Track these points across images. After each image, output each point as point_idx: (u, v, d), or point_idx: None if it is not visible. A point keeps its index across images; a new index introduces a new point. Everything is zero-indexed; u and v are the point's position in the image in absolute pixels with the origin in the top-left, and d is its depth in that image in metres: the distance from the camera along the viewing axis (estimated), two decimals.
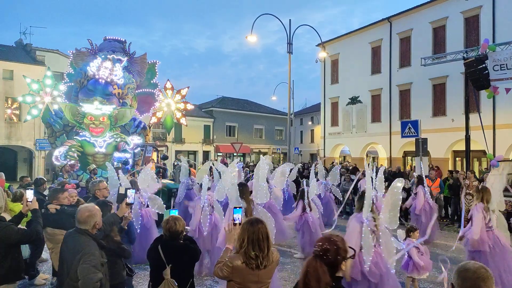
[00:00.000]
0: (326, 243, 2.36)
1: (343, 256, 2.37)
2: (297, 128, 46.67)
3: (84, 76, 14.65)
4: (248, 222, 3.15)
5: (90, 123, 14.34)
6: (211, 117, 42.68)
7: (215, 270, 3.18)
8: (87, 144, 14.39)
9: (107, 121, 14.53)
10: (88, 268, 3.24)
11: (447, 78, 23.05)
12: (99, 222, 3.58)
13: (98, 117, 14.37)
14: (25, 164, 29.25)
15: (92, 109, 14.22)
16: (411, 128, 16.17)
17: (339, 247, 2.37)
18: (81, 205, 3.87)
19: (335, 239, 2.40)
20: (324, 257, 2.32)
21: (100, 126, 14.41)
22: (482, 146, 16.52)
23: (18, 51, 29.64)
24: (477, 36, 21.58)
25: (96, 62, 14.57)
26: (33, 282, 6.49)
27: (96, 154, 14.46)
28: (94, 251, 3.36)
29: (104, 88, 14.57)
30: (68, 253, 3.38)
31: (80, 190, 11.27)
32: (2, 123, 26.75)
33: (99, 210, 3.68)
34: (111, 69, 14.57)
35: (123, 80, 14.99)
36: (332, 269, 2.32)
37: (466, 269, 2.01)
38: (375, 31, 28.43)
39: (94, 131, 14.37)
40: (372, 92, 28.57)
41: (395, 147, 26.50)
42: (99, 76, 14.44)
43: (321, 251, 2.34)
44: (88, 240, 3.41)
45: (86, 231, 3.47)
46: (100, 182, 6.25)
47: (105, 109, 14.40)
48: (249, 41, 21.13)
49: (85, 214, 3.49)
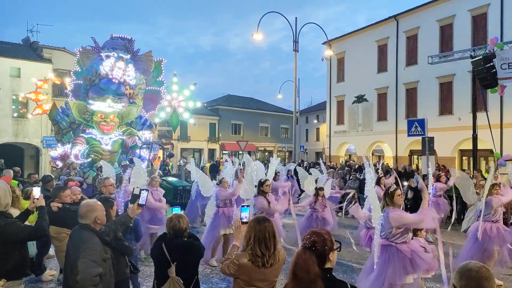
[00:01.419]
0: (313, 236, 2.46)
1: (330, 247, 2.46)
2: (302, 126, 46.57)
3: (95, 74, 14.73)
4: (255, 220, 3.15)
5: (100, 120, 14.44)
6: (217, 115, 42.73)
7: (222, 267, 3.19)
8: (94, 142, 14.49)
9: (116, 119, 14.66)
10: (87, 262, 3.22)
11: (454, 76, 22.90)
12: (101, 217, 3.56)
13: (109, 115, 14.48)
14: (31, 161, 29.43)
15: (104, 107, 14.35)
16: (417, 126, 16.07)
17: (326, 238, 2.46)
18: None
19: (321, 232, 2.52)
20: (313, 248, 2.40)
21: (110, 123, 14.57)
22: (489, 145, 16.40)
23: (25, 48, 29.79)
24: (485, 34, 21.41)
25: (109, 62, 14.65)
26: (40, 278, 6.54)
27: (102, 151, 14.56)
28: (95, 246, 3.34)
29: (117, 88, 14.70)
30: (72, 249, 3.39)
31: (87, 187, 11.34)
32: (9, 120, 26.92)
33: (101, 205, 3.66)
34: (124, 69, 14.67)
35: (135, 81, 15.11)
36: (321, 260, 2.40)
37: (469, 269, 2.01)
38: (382, 29, 28.29)
39: (105, 129, 14.50)
40: (378, 91, 28.44)
41: (401, 145, 26.38)
42: (113, 76, 14.53)
43: (310, 243, 2.43)
44: (90, 235, 3.40)
45: (88, 226, 3.46)
46: (106, 179, 6.26)
47: (116, 107, 14.55)
48: (255, 39, 21.14)
49: (84, 209, 3.50)
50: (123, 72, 14.63)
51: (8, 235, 3.67)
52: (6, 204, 3.81)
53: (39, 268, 6.62)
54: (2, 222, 3.68)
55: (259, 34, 20.88)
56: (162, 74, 17.57)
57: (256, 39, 21.16)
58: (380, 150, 30.62)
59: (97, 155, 14.18)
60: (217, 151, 41.87)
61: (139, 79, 15.45)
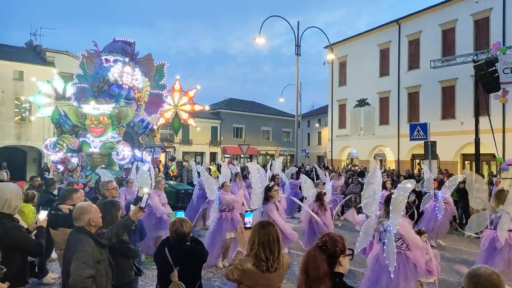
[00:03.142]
0: (326, 236, 2.54)
1: (342, 249, 2.49)
2: (304, 130, 46.57)
3: (103, 80, 14.73)
4: (259, 224, 3.13)
5: (90, 123, 14.37)
6: (219, 118, 42.76)
7: (226, 273, 3.17)
8: (85, 144, 14.46)
9: (107, 121, 14.43)
10: (79, 264, 3.20)
11: (456, 80, 22.89)
12: (95, 219, 3.52)
13: (97, 117, 14.34)
14: (34, 164, 29.50)
15: (89, 109, 14.24)
16: (420, 130, 16.05)
17: (337, 240, 2.52)
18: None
19: (334, 234, 2.58)
20: (324, 247, 2.46)
21: (99, 126, 14.36)
22: (491, 149, 16.38)
23: (28, 52, 29.94)
24: (487, 38, 21.41)
25: (117, 67, 14.66)
26: (42, 281, 6.54)
27: (92, 154, 14.47)
28: (86, 248, 3.32)
29: (128, 93, 14.71)
30: (67, 251, 3.40)
31: (89, 190, 11.35)
32: (12, 123, 27.01)
33: (95, 207, 3.63)
34: (132, 74, 14.68)
35: (142, 85, 15.12)
36: (331, 260, 2.45)
37: (478, 275, 1.99)
38: (384, 33, 28.33)
39: (94, 131, 14.37)
40: (380, 95, 28.44)
41: (403, 150, 26.34)
42: (123, 82, 14.55)
43: (321, 242, 2.50)
44: (83, 238, 3.39)
45: (82, 228, 3.46)
46: (109, 183, 6.26)
47: (103, 108, 14.37)
48: (257, 43, 21.18)
49: (78, 211, 3.50)
50: (132, 77, 14.67)
51: (13, 239, 3.65)
52: (15, 207, 3.81)
53: (42, 271, 6.62)
54: (9, 224, 3.68)
55: (261, 38, 20.93)
56: (164, 78, 17.61)
57: (258, 43, 21.20)
58: (382, 154, 30.59)
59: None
60: (218, 154, 41.85)
61: (144, 81, 15.49)
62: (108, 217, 4.02)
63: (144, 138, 16.36)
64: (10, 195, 3.74)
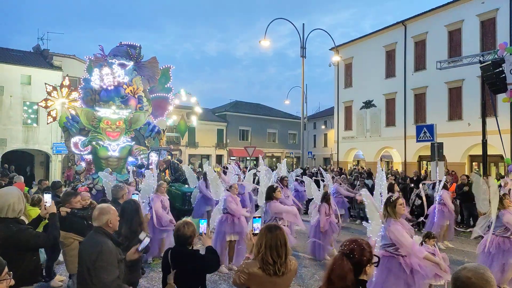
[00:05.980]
0: (353, 243, 2.46)
1: (368, 258, 2.44)
2: (310, 132, 46.51)
3: (92, 92, 14.78)
4: (266, 227, 3.11)
5: (107, 127, 14.44)
6: (225, 121, 42.83)
7: (234, 278, 3.15)
8: (101, 148, 14.52)
9: (122, 125, 14.63)
10: (106, 267, 3.28)
11: (463, 81, 22.76)
12: (113, 220, 3.62)
13: (115, 121, 14.48)
14: (42, 167, 29.72)
15: (109, 113, 14.36)
16: (426, 132, 15.95)
17: (365, 248, 2.45)
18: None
19: (361, 242, 2.50)
20: (351, 256, 2.39)
21: (116, 130, 14.51)
22: (499, 150, 16.24)
23: (36, 56, 30.19)
24: (494, 39, 21.28)
25: (95, 74, 14.65)
26: (50, 284, 6.59)
27: (110, 157, 14.56)
28: (110, 249, 3.39)
29: (117, 93, 14.69)
30: (85, 253, 3.43)
31: (96, 193, 11.42)
32: (19, 127, 27.22)
33: (113, 209, 3.70)
34: (112, 73, 14.59)
35: (127, 78, 15.04)
36: (357, 269, 2.39)
37: (456, 278, 1.98)
38: (390, 34, 28.24)
39: (111, 135, 14.48)
40: (387, 96, 28.35)
41: (410, 151, 26.21)
42: (107, 85, 14.55)
43: (348, 250, 2.42)
44: (103, 239, 3.45)
45: (101, 228, 3.52)
46: (120, 189, 6.34)
47: (122, 113, 14.55)
48: (263, 45, 21.22)
49: (97, 212, 3.60)
50: (113, 76, 14.59)
51: (20, 241, 3.71)
52: (20, 211, 3.87)
53: (49, 274, 6.66)
54: (15, 228, 3.73)
55: (267, 41, 20.96)
56: (170, 81, 17.65)
57: (263, 45, 21.24)
58: (388, 156, 30.45)
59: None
60: (224, 157, 41.92)
61: (129, 71, 15.29)
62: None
63: (150, 141, 16.39)
64: (13, 200, 3.81)
